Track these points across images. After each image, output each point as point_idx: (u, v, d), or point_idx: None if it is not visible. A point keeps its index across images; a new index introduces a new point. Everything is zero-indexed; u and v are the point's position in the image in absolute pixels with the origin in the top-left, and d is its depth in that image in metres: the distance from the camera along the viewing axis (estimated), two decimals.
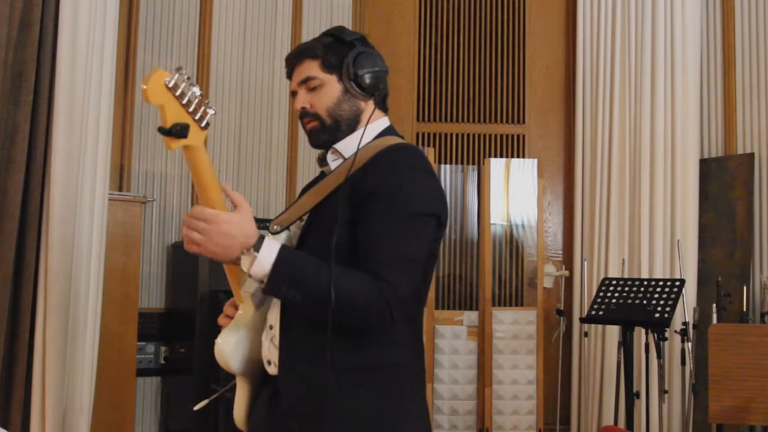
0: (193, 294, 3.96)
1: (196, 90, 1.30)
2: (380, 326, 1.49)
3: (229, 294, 1.65)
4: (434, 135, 5.00)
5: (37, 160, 3.20)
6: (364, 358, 1.53)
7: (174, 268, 4.33)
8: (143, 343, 4.15)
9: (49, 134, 3.21)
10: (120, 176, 4.21)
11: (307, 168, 4.82)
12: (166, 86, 1.25)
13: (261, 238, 1.45)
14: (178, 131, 1.28)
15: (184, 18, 4.50)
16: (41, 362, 3.14)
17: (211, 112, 1.33)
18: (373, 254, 1.49)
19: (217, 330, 1.65)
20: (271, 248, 1.44)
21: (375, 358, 1.54)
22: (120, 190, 4.12)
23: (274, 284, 1.45)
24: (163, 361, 4.26)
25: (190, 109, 1.30)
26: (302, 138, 4.81)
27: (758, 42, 4.56)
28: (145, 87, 1.24)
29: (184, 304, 4.12)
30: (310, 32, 4.82)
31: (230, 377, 1.68)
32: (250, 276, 1.46)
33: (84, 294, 3.26)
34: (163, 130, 1.28)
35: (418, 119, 5.01)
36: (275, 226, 1.62)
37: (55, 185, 3.16)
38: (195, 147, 1.34)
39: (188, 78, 1.28)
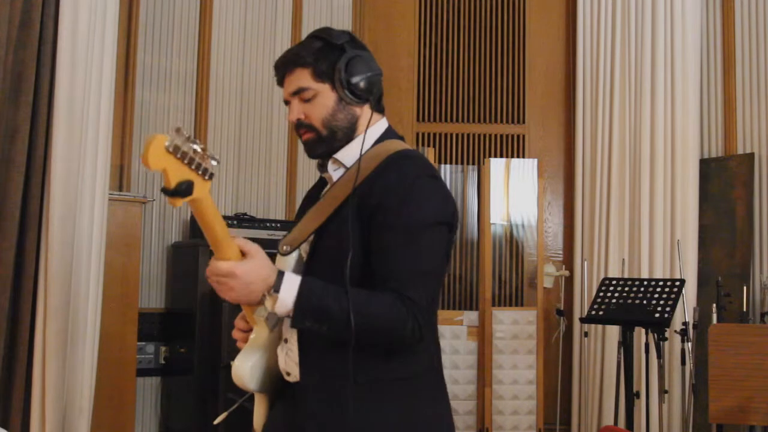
0: (193, 294, 3.96)
1: (197, 146, 1.27)
2: (411, 343, 1.50)
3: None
4: (434, 135, 5.00)
5: (37, 160, 3.20)
6: (386, 370, 1.53)
7: (174, 268, 4.33)
8: (143, 343, 4.15)
9: (49, 134, 3.21)
10: (120, 176, 4.21)
11: (307, 168, 4.81)
12: (167, 150, 1.22)
13: (280, 276, 1.45)
14: (183, 190, 1.26)
15: (184, 18, 4.50)
16: (41, 362, 3.14)
17: (213, 163, 1.31)
18: (392, 272, 1.48)
19: (217, 330, 1.67)
20: (290, 286, 1.45)
21: (397, 370, 1.54)
22: (120, 190, 4.12)
23: (299, 320, 1.46)
24: (163, 361, 4.26)
25: (193, 166, 1.27)
26: None
27: (758, 42, 4.55)
28: (145, 155, 1.20)
29: (184, 304, 4.12)
30: (310, 32, 4.80)
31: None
32: (275, 313, 1.47)
33: (84, 294, 3.26)
34: (167, 192, 1.26)
35: (418, 119, 5.01)
36: (285, 247, 1.59)
37: (55, 185, 3.16)
38: (200, 199, 1.32)
39: (188, 137, 1.25)
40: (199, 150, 1.28)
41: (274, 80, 1.76)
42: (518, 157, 4.94)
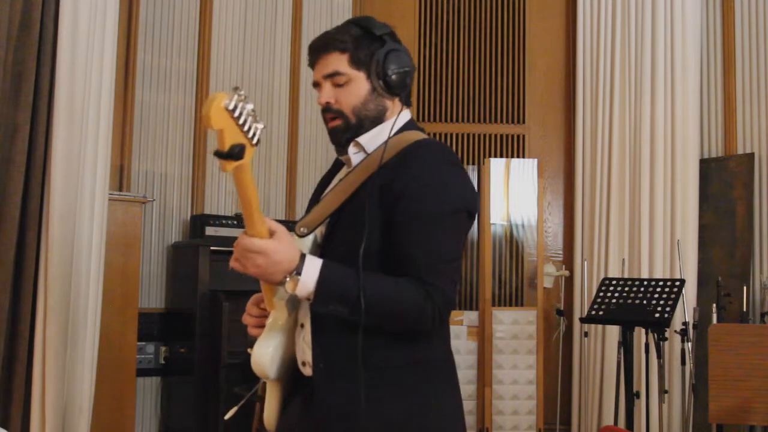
0: (193, 294, 3.96)
1: (250, 106, 1.27)
2: (431, 329, 1.51)
3: (229, 294, 1.65)
4: (434, 135, 4.99)
5: (37, 160, 3.20)
6: (401, 355, 1.54)
7: (174, 268, 4.33)
8: (143, 343, 4.15)
9: (49, 134, 3.21)
10: (120, 176, 4.21)
11: (308, 168, 4.82)
12: (226, 109, 1.23)
13: (302, 259, 1.45)
14: (237, 153, 1.26)
15: (184, 18, 4.50)
16: (41, 362, 3.15)
17: (260, 126, 1.31)
18: (413, 259, 1.50)
19: (217, 330, 1.65)
20: (312, 270, 1.45)
21: (412, 355, 1.55)
22: (120, 190, 4.12)
23: (321, 303, 1.46)
24: (163, 361, 4.26)
25: (245, 129, 1.27)
26: (302, 138, 4.81)
27: (758, 42, 4.56)
28: (207, 113, 1.20)
29: (184, 304, 4.12)
30: (310, 32, 4.82)
31: (252, 378, 1.66)
32: (296, 296, 1.47)
33: (84, 294, 3.26)
34: (221, 154, 1.25)
35: (418, 119, 5.00)
36: (302, 229, 1.59)
37: (55, 185, 3.16)
38: (246, 165, 1.32)
39: (245, 96, 1.25)
40: (251, 111, 1.27)
41: (274, 80, 1.76)
42: (518, 157, 4.94)
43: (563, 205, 4.99)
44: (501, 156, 4.94)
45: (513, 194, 4.53)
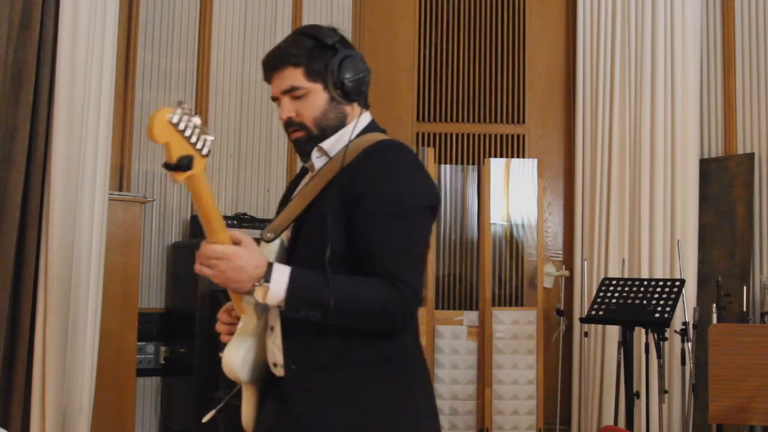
0: (193, 294, 3.96)
1: (196, 120, 1.32)
2: (402, 325, 1.53)
3: (228, 294, 1.65)
4: (434, 135, 5.00)
5: (37, 160, 3.20)
6: (373, 353, 1.55)
7: (174, 268, 4.33)
8: (143, 343, 4.15)
9: (49, 134, 3.21)
10: (120, 176, 4.21)
11: None
12: (170, 122, 1.27)
13: (270, 267, 1.46)
14: (185, 164, 1.31)
15: (184, 18, 4.50)
16: (41, 362, 3.14)
17: (210, 138, 1.35)
18: (380, 257, 1.51)
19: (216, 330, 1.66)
20: (281, 277, 1.45)
21: (384, 352, 1.56)
22: (120, 190, 4.12)
23: (292, 309, 1.47)
24: (163, 361, 4.26)
25: (192, 140, 1.32)
26: None
27: (758, 42, 4.56)
28: (150, 127, 1.25)
29: (184, 304, 4.12)
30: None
31: (231, 382, 1.67)
32: (266, 303, 1.48)
33: (84, 294, 3.26)
34: (169, 166, 1.30)
35: (418, 119, 5.01)
36: (268, 234, 1.61)
37: (55, 185, 3.16)
38: (198, 175, 1.35)
39: (189, 110, 1.30)
40: (197, 124, 1.32)
41: None
42: (518, 157, 4.94)
43: (563, 205, 4.99)
44: (501, 156, 4.94)
45: (513, 194, 4.53)
